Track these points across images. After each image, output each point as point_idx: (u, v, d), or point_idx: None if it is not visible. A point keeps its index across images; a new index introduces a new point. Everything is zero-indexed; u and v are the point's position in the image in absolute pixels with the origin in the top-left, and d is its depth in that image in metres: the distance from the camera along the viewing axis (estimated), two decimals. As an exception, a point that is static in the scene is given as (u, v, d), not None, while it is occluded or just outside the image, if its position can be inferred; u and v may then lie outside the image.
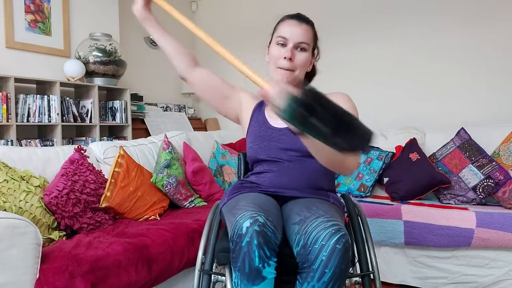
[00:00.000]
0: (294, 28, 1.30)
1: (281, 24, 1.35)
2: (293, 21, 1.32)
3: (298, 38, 1.29)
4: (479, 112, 2.85)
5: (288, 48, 1.29)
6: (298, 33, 1.29)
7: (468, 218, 1.96)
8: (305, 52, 1.31)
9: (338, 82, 3.44)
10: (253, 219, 1.01)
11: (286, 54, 1.28)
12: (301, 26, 1.31)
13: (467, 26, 2.89)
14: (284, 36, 1.29)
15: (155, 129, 3.49)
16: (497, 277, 1.93)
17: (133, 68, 3.55)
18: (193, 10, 4.41)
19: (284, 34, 1.30)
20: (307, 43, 1.31)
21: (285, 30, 1.31)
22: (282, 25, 1.34)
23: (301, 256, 1.03)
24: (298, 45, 1.29)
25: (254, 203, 1.11)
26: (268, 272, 1.01)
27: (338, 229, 1.00)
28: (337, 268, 0.98)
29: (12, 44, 2.69)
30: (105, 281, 1.38)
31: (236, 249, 1.02)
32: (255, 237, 0.99)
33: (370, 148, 1.09)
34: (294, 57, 1.29)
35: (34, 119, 2.63)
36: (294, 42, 1.29)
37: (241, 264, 1.01)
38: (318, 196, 1.28)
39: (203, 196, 2.39)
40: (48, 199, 1.66)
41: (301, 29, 1.30)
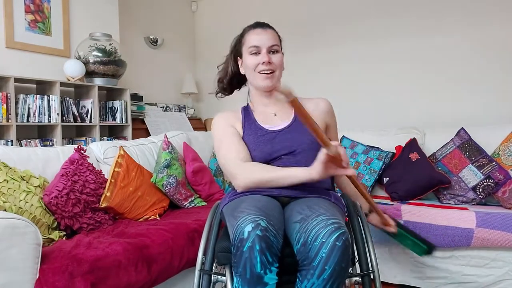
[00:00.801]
0: (261, 35, 1.39)
1: (247, 36, 1.42)
2: (258, 30, 1.41)
3: (269, 42, 1.39)
4: (479, 112, 2.85)
5: (263, 54, 1.38)
6: (267, 38, 1.39)
7: (468, 218, 1.96)
8: (278, 53, 1.41)
9: (338, 82, 3.45)
10: (255, 223, 1.01)
11: (263, 59, 1.37)
12: (267, 32, 1.41)
13: (467, 26, 2.90)
14: (256, 45, 1.38)
15: (155, 129, 3.49)
16: (497, 277, 1.93)
17: (133, 68, 3.55)
18: (193, 10, 4.41)
19: (255, 43, 1.39)
20: (277, 44, 1.41)
21: (254, 39, 1.39)
22: (249, 36, 1.42)
23: (301, 254, 1.03)
24: (270, 48, 1.39)
25: (256, 206, 1.10)
26: (269, 278, 1.01)
27: (338, 227, 1.01)
28: (337, 265, 0.98)
29: (12, 44, 2.69)
30: (105, 281, 1.37)
31: (238, 254, 1.01)
32: (257, 242, 0.99)
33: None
34: (271, 59, 1.38)
35: (34, 119, 2.63)
36: (266, 47, 1.38)
37: (242, 270, 1.01)
38: (319, 195, 1.28)
39: (203, 196, 2.39)
40: (48, 199, 1.66)
41: (268, 34, 1.40)
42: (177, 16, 4.24)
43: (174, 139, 2.57)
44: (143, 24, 3.84)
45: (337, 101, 1.84)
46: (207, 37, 4.29)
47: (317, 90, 3.23)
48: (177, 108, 4.12)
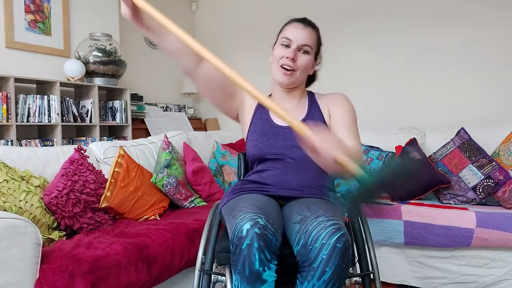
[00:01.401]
0: (298, 31, 1.33)
1: (287, 26, 1.37)
2: (299, 24, 1.35)
3: (302, 40, 1.32)
4: (479, 112, 2.85)
5: (292, 49, 1.31)
6: (302, 35, 1.32)
7: (468, 218, 1.96)
8: (307, 54, 1.34)
9: (338, 82, 3.44)
10: (253, 221, 1.01)
11: (289, 54, 1.31)
12: (306, 29, 1.34)
13: (467, 26, 2.90)
14: (289, 37, 1.32)
15: (155, 129, 3.49)
16: (497, 277, 1.93)
17: (133, 68, 3.55)
18: (193, 10, 4.41)
19: (288, 36, 1.33)
20: (310, 46, 1.34)
21: (290, 32, 1.33)
22: (288, 27, 1.36)
23: (302, 255, 1.03)
24: (301, 47, 1.32)
25: (255, 205, 1.10)
26: (268, 275, 1.01)
27: (339, 228, 1.01)
28: (338, 267, 0.98)
29: (12, 44, 2.69)
30: (105, 281, 1.37)
31: (236, 252, 1.01)
32: (256, 240, 0.99)
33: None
34: (296, 58, 1.32)
35: (34, 119, 2.63)
36: (297, 43, 1.32)
37: (241, 267, 1.01)
38: (318, 196, 1.28)
39: (203, 196, 2.39)
40: (48, 199, 1.66)
41: (306, 32, 1.33)
42: (177, 16, 4.23)
43: (174, 139, 2.57)
44: (143, 24, 3.83)
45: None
46: (207, 37, 4.29)
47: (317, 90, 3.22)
48: (177, 108, 4.12)
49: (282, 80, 1.34)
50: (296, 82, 1.37)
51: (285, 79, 1.34)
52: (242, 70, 1.08)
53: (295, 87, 1.41)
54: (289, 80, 1.34)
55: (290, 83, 1.36)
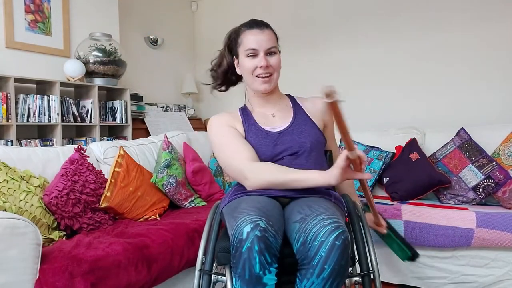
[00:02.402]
0: (258, 37, 1.34)
1: (243, 36, 1.37)
2: (255, 30, 1.35)
3: (266, 45, 1.34)
4: (479, 112, 2.85)
5: (261, 57, 1.33)
6: (265, 40, 1.34)
7: (468, 218, 1.96)
8: (275, 54, 1.37)
9: (338, 82, 3.44)
10: (254, 223, 1.00)
11: (261, 63, 1.33)
12: (264, 32, 1.35)
13: (467, 26, 2.89)
14: (253, 48, 1.34)
15: (155, 129, 3.49)
16: (497, 277, 1.93)
17: (133, 68, 3.55)
18: (193, 10, 4.41)
19: (251, 46, 1.34)
20: (275, 46, 1.37)
21: (251, 41, 1.34)
22: (245, 37, 1.36)
23: (301, 253, 1.03)
24: (268, 51, 1.34)
25: (256, 207, 1.10)
26: (269, 279, 1.01)
27: (338, 226, 1.01)
28: (336, 264, 0.98)
29: (12, 44, 2.69)
30: (105, 281, 1.37)
31: (237, 254, 1.01)
32: (256, 243, 0.98)
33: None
34: (268, 63, 1.34)
35: (34, 119, 2.63)
36: (264, 49, 1.34)
37: (241, 271, 1.00)
38: (319, 195, 1.28)
39: (203, 196, 2.39)
40: (48, 199, 1.66)
41: (266, 35, 1.35)
42: (177, 16, 4.24)
43: (174, 139, 2.57)
44: (143, 24, 3.83)
45: (337, 101, 1.83)
46: (207, 37, 4.29)
47: (316, 90, 3.22)
48: (177, 108, 4.12)
49: (264, 88, 1.36)
50: (274, 84, 1.40)
51: (266, 87, 1.36)
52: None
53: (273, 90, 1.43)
54: (270, 86, 1.37)
55: (271, 88, 1.38)
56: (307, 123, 1.42)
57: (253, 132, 1.39)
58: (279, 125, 1.41)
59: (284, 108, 1.45)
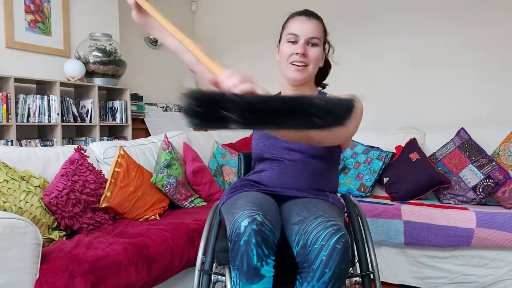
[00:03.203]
0: (303, 24, 1.29)
1: (290, 21, 1.33)
2: (302, 17, 1.31)
3: (309, 33, 1.29)
4: (479, 112, 2.85)
5: (300, 44, 1.28)
6: (308, 28, 1.29)
7: (468, 218, 1.96)
8: (316, 47, 1.31)
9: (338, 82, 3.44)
10: (251, 218, 1.02)
11: (298, 50, 1.27)
12: (311, 22, 1.30)
13: (467, 26, 2.89)
14: (295, 33, 1.29)
15: (155, 129, 3.49)
16: (497, 277, 1.93)
17: (133, 68, 3.55)
18: (193, 10, 4.41)
19: (294, 31, 1.29)
20: (318, 38, 1.30)
21: (295, 27, 1.30)
22: (291, 22, 1.32)
23: (301, 256, 1.03)
24: (309, 40, 1.29)
25: (253, 202, 1.11)
26: (266, 271, 1.02)
27: (338, 229, 1.01)
28: (337, 268, 0.98)
29: (12, 44, 2.69)
30: (105, 281, 1.38)
31: (235, 248, 1.02)
32: (253, 236, 0.99)
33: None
34: (306, 52, 1.28)
35: (34, 119, 2.63)
36: (305, 38, 1.28)
37: (239, 263, 1.01)
38: (317, 196, 1.28)
39: (203, 196, 2.39)
40: (48, 199, 1.66)
41: (311, 25, 1.30)
42: (177, 16, 4.23)
43: (174, 139, 2.57)
44: (143, 24, 3.83)
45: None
46: (207, 37, 4.29)
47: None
48: (177, 108, 4.12)
49: (295, 76, 1.30)
50: (308, 77, 1.34)
51: (298, 75, 1.30)
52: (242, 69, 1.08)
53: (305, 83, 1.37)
54: (302, 76, 1.30)
55: (303, 79, 1.32)
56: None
57: None
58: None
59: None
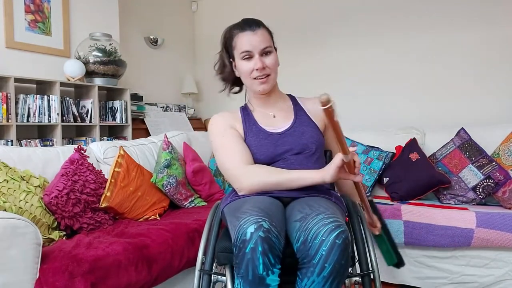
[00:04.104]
0: (251, 38, 1.31)
1: (237, 38, 1.34)
2: (247, 32, 1.32)
3: (260, 45, 1.31)
4: (479, 112, 2.85)
5: (256, 59, 1.31)
6: (258, 41, 1.31)
7: (468, 218, 1.96)
8: (271, 53, 1.34)
9: (338, 82, 3.45)
10: (257, 224, 1.00)
11: (257, 65, 1.31)
12: (257, 33, 1.32)
13: (467, 26, 2.89)
14: (247, 50, 1.31)
15: (155, 129, 3.49)
16: (497, 277, 1.93)
17: (133, 68, 3.55)
18: (193, 10, 4.41)
19: (246, 48, 1.31)
20: (270, 46, 1.34)
21: (245, 44, 1.32)
22: (238, 39, 1.33)
23: (301, 252, 1.03)
24: (263, 51, 1.32)
25: (259, 207, 1.10)
26: (272, 280, 1.01)
27: (338, 225, 1.01)
28: (337, 263, 0.98)
29: (12, 44, 2.68)
30: (105, 281, 1.38)
31: (240, 255, 1.01)
32: (260, 244, 0.98)
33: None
34: (264, 63, 1.32)
35: (34, 119, 2.63)
36: (258, 51, 1.31)
37: (244, 271, 1.00)
38: (320, 195, 1.28)
39: (203, 196, 2.39)
40: (48, 199, 1.66)
41: (259, 36, 1.32)
42: (177, 16, 4.24)
43: (174, 139, 2.57)
44: (143, 24, 3.83)
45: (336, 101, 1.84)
46: (207, 37, 4.29)
47: (317, 90, 3.22)
48: (177, 108, 4.12)
49: (263, 89, 1.35)
50: (273, 83, 1.39)
51: (264, 87, 1.35)
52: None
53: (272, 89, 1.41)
54: (268, 86, 1.35)
55: (269, 88, 1.37)
56: (308, 124, 1.41)
57: (254, 133, 1.38)
58: (280, 125, 1.40)
59: (285, 108, 1.44)
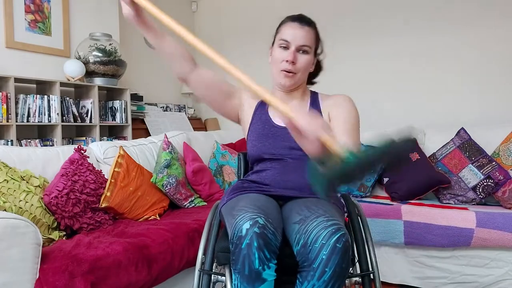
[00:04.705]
0: (296, 31, 1.30)
1: (283, 26, 1.34)
2: (295, 24, 1.31)
3: (300, 41, 1.29)
4: (479, 112, 2.85)
5: (291, 51, 1.29)
6: (300, 36, 1.29)
7: (468, 218, 1.96)
8: (307, 54, 1.32)
9: (338, 81, 3.44)
10: (253, 220, 1.01)
11: (288, 57, 1.28)
12: (303, 29, 1.31)
13: (466, 26, 2.89)
14: (286, 39, 1.30)
15: (155, 129, 3.49)
16: (497, 277, 1.93)
17: (133, 68, 3.55)
18: (193, 10, 4.41)
19: (286, 37, 1.30)
20: (309, 46, 1.31)
21: (287, 33, 1.30)
22: (284, 27, 1.33)
23: (301, 255, 1.03)
24: (300, 48, 1.30)
25: (254, 204, 1.10)
26: (268, 275, 1.01)
27: (338, 228, 1.01)
28: (337, 267, 0.98)
29: (12, 44, 2.68)
30: (105, 281, 1.38)
31: (236, 251, 1.01)
32: (255, 239, 0.99)
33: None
34: (296, 60, 1.29)
35: (34, 119, 2.63)
36: (296, 45, 1.29)
37: (241, 266, 1.01)
38: (318, 196, 1.28)
39: (203, 196, 2.39)
40: (48, 199, 1.66)
41: (303, 32, 1.30)
42: (177, 16, 4.20)
43: (174, 139, 2.57)
44: (143, 24, 3.83)
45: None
46: (207, 37, 4.29)
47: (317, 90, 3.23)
48: (177, 108, 4.12)
49: (284, 82, 1.33)
50: (297, 83, 1.36)
51: (286, 82, 1.32)
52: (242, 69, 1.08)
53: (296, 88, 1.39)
54: (290, 82, 1.32)
55: (291, 85, 1.34)
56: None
57: (261, 121, 1.38)
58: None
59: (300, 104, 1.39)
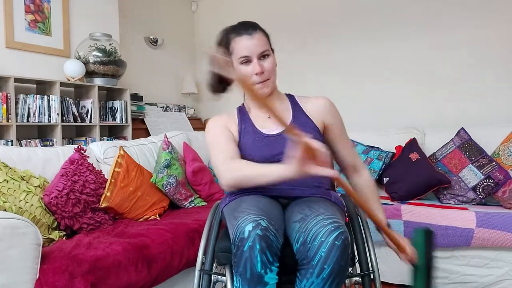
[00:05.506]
0: (248, 42, 1.28)
1: (234, 43, 1.31)
2: (244, 36, 1.29)
3: (258, 49, 1.29)
4: (479, 112, 2.85)
5: (254, 63, 1.28)
6: (255, 45, 1.28)
7: (468, 218, 1.96)
8: (269, 56, 1.31)
9: (338, 82, 3.45)
10: (255, 222, 1.01)
11: (255, 70, 1.28)
12: (254, 37, 1.29)
13: (467, 26, 2.89)
14: (245, 55, 1.29)
15: (155, 129, 3.50)
16: (497, 277, 1.93)
17: (133, 68, 3.55)
18: (193, 10, 4.41)
19: (244, 53, 1.29)
20: (267, 49, 1.31)
21: (243, 48, 1.29)
22: (236, 44, 1.31)
23: (301, 253, 1.03)
24: (261, 55, 1.29)
25: (257, 206, 1.10)
26: (270, 278, 1.01)
27: (338, 226, 1.01)
28: (336, 264, 0.98)
29: (12, 44, 2.69)
30: (105, 281, 1.37)
31: (238, 253, 1.01)
32: (258, 242, 0.99)
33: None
34: (263, 67, 1.29)
35: (34, 119, 2.63)
36: (256, 55, 1.29)
37: (242, 269, 1.01)
38: (319, 195, 1.28)
39: (203, 196, 2.39)
40: (48, 199, 1.66)
41: (255, 40, 1.29)
42: (177, 16, 4.24)
43: (174, 139, 2.57)
44: (143, 24, 3.84)
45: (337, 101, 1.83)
46: (207, 37, 4.29)
47: (317, 90, 3.23)
48: (177, 108, 4.12)
49: (263, 93, 1.32)
50: (273, 86, 1.36)
51: (265, 91, 1.32)
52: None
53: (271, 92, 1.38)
54: (268, 89, 1.32)
55: (269, 91, 1.34)
56: (306, 124, 1.37)
57: (249, 135, 1.36)
58: (275, 127, 1.36)
59: (282, 110, 1.40)
